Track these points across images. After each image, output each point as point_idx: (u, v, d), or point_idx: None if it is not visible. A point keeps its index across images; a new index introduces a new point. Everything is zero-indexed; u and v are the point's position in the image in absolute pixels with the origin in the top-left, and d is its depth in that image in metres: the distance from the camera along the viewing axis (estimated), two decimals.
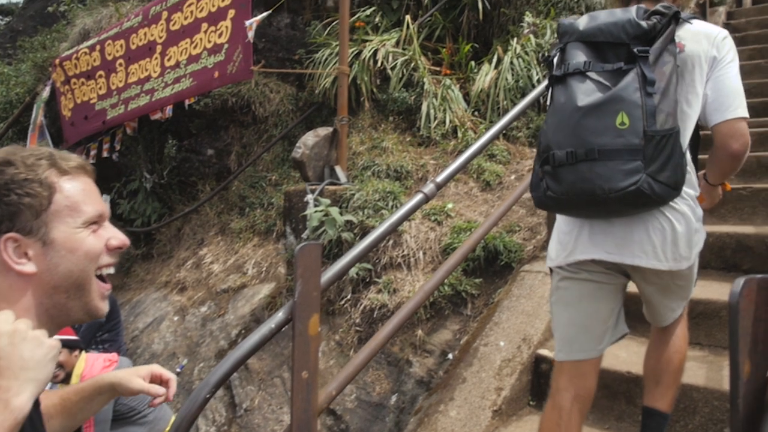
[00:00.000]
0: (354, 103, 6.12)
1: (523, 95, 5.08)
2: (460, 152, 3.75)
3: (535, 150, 5.23)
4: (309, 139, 4.61)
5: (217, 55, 5.59)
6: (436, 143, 5.48)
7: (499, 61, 5.96)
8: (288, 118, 6.65)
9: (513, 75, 5.64)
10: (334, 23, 6.30)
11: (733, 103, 1.71)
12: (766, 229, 3.36)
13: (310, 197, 4.32)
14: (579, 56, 1.62)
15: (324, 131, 4.76)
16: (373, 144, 5.57)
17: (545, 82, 3.69)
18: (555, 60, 1.71)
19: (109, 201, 7.64)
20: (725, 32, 1.79)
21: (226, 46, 5.53)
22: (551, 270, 1.98)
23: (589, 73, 1.59)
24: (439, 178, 2.90)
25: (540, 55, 5.54)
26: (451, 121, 5.59)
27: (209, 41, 5.68)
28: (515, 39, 6.03)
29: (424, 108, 5.65)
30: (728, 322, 1.02)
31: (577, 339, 1.87)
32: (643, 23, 1.58)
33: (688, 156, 1.76)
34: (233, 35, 5.48)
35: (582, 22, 1.68)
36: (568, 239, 1.85)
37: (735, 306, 0.99)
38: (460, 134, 5.49)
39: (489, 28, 6.69)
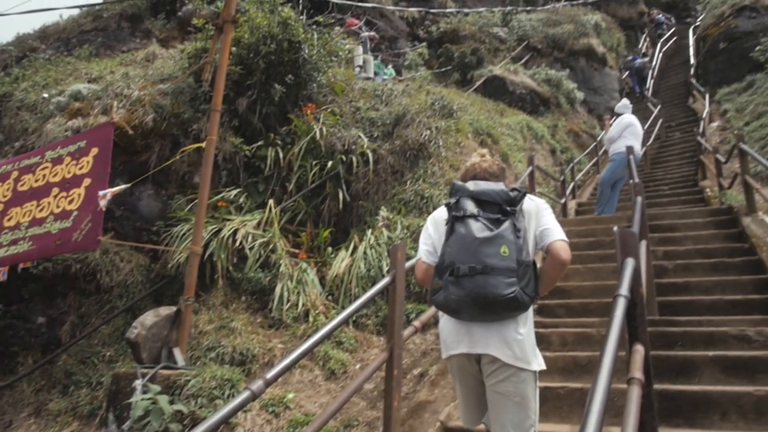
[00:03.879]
0: (208, 280, 6.03)
1: (374, 284, 5.30)
2: (310, 337, 3.73)
3: (383, 338, 5.36)
4: (148, 318, 4.38)
5: (63, 221, 5.36)
6: (287, 326, 5.44)
7: (355, 248, 6.28)
8: (136, 289, 6.33)
9: (366, 264, 5.93)
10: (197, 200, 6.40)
11: (558, 231, 2.54)
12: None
13: (138, 383, 3.98)
14: (470, 206, 2.45)
15: (166, 311, 4.57)
16: (221, 323, 5.41)
17: (387, 278, 3.92)
18: (453, 206, 2.50)
19: None
20: (543, 200, 2.75)
21: (75, 213, 5.34)
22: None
23: (479, 218, 2.41)
24: (270, 375, 2.82)
25: (387, 247, 5.93)
26: (304, 305, 5.63)
27: (58, 206, 5.47)
28: (370, 230, 6.45)
29: (278, 290, 5.68)
30: None
31: (464, 412, 2.72)
32: (511, 193, 2.47)
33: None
34: (85, 203, 5.33)
35: (470, 186, 2.54)
36: (449, 337, 2.55)
37: None
38: (311, 318, 5.52)
39: (348, 217, 7.14)
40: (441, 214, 2.69)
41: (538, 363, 2.47)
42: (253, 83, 7.46)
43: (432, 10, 14.73)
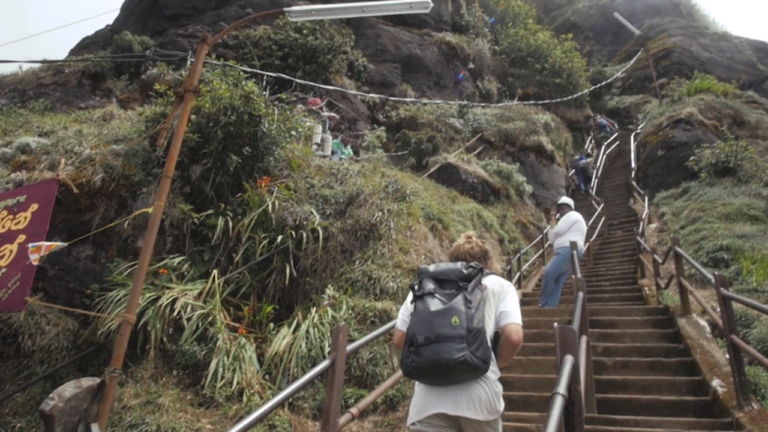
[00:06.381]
0: (139, 350, 5.73)
1: (314, 364, 5.13)
2: (241, 419, 3.53)
3: (318, 423, 5.13)
4: (67, 390, 4.08)
5: None
6: (219, 405, 5.16)
7: (298, 326, 6.11)
8: (60, 355, 5.94)
9: (307, 343, 5.76)
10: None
11: (514, 314, 2.84)
12: None
13: None
14: (430, 285, 2.79)
15: (88, 382, 4.27)
16: (148, 398, 5.09)
17: (326, 362, 3.84)
18: (416, 287, 2.84)
19: None
20: (510, 283, 3.03)
21: (3, 270, 5.06)
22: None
23: (436, 294, 2.75)
24: None
25: (331, 327, 5.80)
26: (239, 383, 5.38)
27: None
28: (315, 308, 6.32)
29: (213, 365, 5.43)
30: None
31: None
32: (465, 270, 2.80)
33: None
34: (15, 260, 5.07)
35: (431, 268, 2.89)
36: (421, 402, 2.78)
37: None
38: (246, 397, 5.26)
39: (294, 293, 7.01)
40: None
41: (502, 405, 2.80)
42: (209, 152, 7.45)
43: (392, 98, 15.31)
